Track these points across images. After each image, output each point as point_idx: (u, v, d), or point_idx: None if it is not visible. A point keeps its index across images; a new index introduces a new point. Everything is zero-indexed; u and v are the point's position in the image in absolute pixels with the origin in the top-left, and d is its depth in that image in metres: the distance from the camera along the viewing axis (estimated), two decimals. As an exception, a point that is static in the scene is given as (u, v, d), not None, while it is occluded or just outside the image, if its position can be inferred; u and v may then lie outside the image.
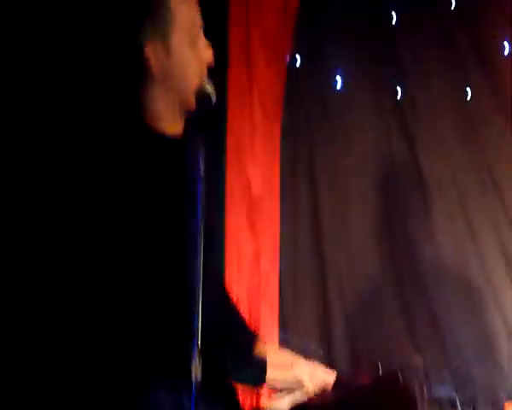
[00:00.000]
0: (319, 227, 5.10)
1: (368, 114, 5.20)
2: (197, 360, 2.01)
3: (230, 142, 4.51)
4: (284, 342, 4.54)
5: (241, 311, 2.76)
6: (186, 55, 2.37)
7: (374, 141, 5.21)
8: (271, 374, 2.52)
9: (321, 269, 5.05)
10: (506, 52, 5.14)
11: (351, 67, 5.15)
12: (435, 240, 5.15)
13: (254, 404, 3.72)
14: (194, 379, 2.01)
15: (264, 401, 2.52)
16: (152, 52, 2.36)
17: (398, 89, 5.22)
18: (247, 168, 4.53)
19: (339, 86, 5.14)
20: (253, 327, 4.46)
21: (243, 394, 4.03)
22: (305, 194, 5.11)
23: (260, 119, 4.62)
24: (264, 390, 2.78)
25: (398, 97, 5.24)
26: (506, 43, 5.13)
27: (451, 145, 5.20)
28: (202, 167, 2.07)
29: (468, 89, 5.19)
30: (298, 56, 4.99)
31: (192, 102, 2.34)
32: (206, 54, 2.42)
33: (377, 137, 5.22)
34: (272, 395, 2.56)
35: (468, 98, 5.20)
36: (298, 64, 5.01)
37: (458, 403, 2.39)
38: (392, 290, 5.10)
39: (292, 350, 2.73)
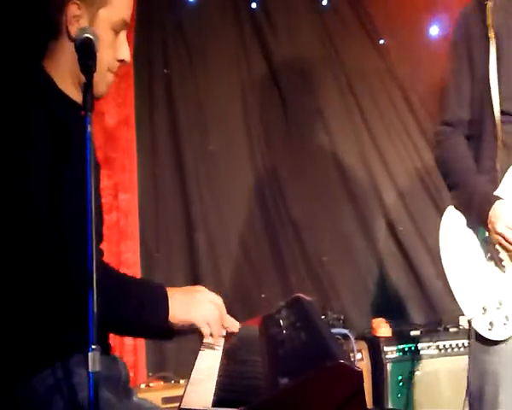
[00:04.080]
0: (179, 155, 4.88)
1: (223, 26, 5.01)
2: (95, 347, 1.77)
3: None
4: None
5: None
6: (105, 38, 2.17)
7: (231, 55, 5.03)
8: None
9: (183, 200, 4.85)
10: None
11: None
12: (293, 146, 5.13)
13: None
14: (91, 369, 1.76)
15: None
16: (74, 11, 2.14)
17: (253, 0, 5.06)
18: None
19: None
20: (114, 265, 4.33)
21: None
22: (163, 120, 4.86)
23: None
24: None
25: (253, 6, 5.08)
26: None
27: (308, 52, 5.13)
28: (89, 128, 1.84)
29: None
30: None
31: (97, 88, 2.08)
32: (123, 51, 2.24)
33: (234, 50, 5.05)
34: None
35: (325, 3, 5.15)
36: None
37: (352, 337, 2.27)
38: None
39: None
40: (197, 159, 4.90)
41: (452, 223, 3.03)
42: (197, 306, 2.23)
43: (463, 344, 4.55)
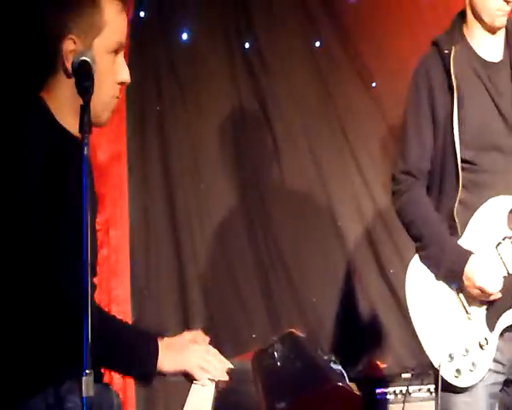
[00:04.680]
0: (171, 192, 4.89)
1: (216, 65, 5.02)
2: (89, 372, 1.73)
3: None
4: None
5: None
6: (104, 64, 2.15)
7: (223, 94, 5.05)
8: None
9: (174, 237, 4.84)
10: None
11: (196, 17, 4.96)
12: (284, 187, 5.11)
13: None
14: (85, 394, 1.73)
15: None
16: (69, 46, 2.13)
17: (246, 40, 5.10)
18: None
19: (185, 37, 4.95)
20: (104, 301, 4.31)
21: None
22: (155, 156, 4.87)
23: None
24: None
25: (246, 46, 5.11)
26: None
27: (301, 93, 5.13)
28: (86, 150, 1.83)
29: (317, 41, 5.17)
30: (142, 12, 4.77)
31: (98, 116, 2.09)
32: (123, 74, 2.23)
33: (226, 90, 5.06)
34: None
35: (318, 45, 5.18)
36: (142, 16, 4.78)
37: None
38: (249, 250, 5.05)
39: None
40: (189, 196, 4.91)
41: (418, 272, 3.05)
42: (187, 354, 2.26)
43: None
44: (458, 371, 2.89)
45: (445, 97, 3.01)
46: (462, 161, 2.94)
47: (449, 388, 2.92)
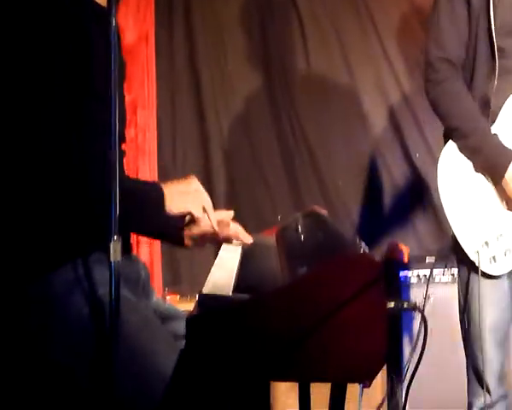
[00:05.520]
0: (197, 74, 4.91)
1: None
2: (115, 237, 1.77)
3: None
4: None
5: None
6: None
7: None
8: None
9: (200, 119, 4.88)
10: None
11: None
12: (310, 73, 5.09)
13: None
14: (112, 259, 1.77)
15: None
16: None
17: None
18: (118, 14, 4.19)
19: None
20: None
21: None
22: (182, 40, 4.88)
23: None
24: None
25: None
26: None
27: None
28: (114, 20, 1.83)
29: None
30: None
31: None
32: None
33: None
34: None
35: None
36: None
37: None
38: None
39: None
40: (214, 78, 4.94)
41: (451, 160, 3.00)
42: (189, 195, 2.19)
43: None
44: (494, 258, 2.90)
45: None
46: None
47: (473, 270, 2.95)
